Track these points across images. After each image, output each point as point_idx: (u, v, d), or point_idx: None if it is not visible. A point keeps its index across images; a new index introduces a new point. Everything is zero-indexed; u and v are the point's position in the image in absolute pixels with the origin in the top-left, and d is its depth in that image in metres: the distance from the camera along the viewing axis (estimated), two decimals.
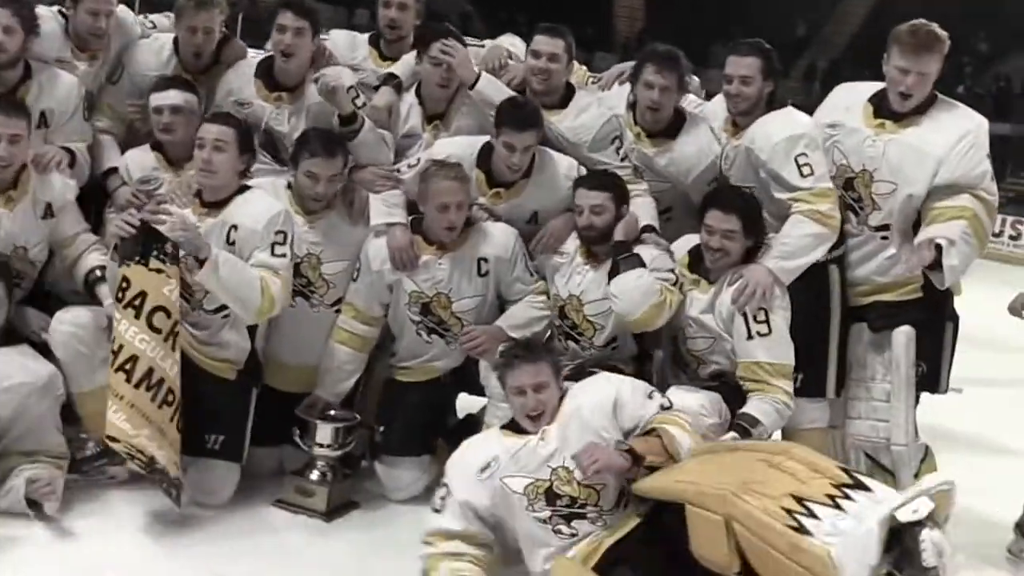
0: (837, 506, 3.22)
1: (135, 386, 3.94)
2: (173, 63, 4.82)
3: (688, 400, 4.03)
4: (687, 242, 4.48)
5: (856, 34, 35.19)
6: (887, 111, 4.35)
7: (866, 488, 3.33)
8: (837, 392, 4.53)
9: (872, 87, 4.47)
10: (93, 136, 4.71)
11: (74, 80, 4.61)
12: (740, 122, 4.55)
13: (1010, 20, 32.15)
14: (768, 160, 4.39)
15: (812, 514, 3.20)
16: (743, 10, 33.28)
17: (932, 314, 4.42)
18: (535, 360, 3.84)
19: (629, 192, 4.52)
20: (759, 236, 4.32)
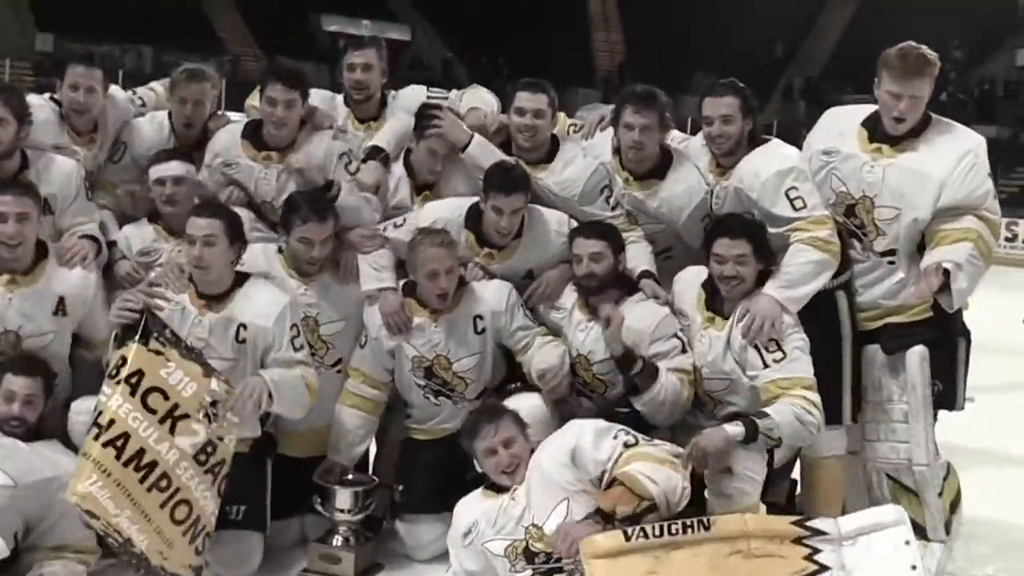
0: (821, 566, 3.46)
1: (124, 464, 3.88)
2: (172, 140, 4.85)
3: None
4: (695, 274, 4.46)
5: (834, 50, 35.46)
6: (882, 135, 4.35)
7: (818, 532, 3.52)
8: (854, 417, 4.52)
9: (863, 111, 4.46)
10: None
11: (73, 163, 4.60)
12: (724, 162, 4.55)
13: (982, 26, 32.45)
14: (759, 198, 4.40)
15: None
16: (722, 34, 33.53)
17: (944, 332, 4.41)
18: (496, 419, 3.98)
19: (624, 241, 4.52)
20: (769, 259, 4.32)
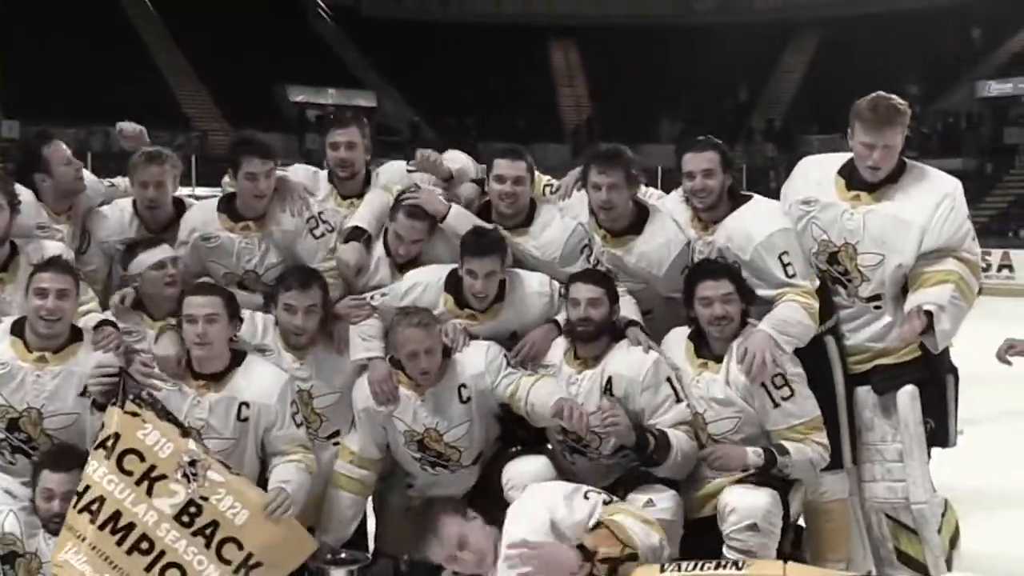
0: None
1: (99, 527, 3.91)
2: (135, 224, 4.88)
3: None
4: (679, 333, 4.52)
5: (797, 91, 35.90)
6: (859, 183, 4.42)
7: None
8: (853, 459, 4.56)
9: (839, 159, 4.55)
10: None
11: (60, 245, 4.66)
12: (705, 217, 4.61)
13: (941, 60, 32.96)
14: (751, 260, 4.46)
15: None
16: (685, 82, 33.93)
17: (932, 371, 4.47)
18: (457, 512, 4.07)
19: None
20: (750, 298, 4.39)
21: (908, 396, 4.42)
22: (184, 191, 5.30)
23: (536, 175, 5.00)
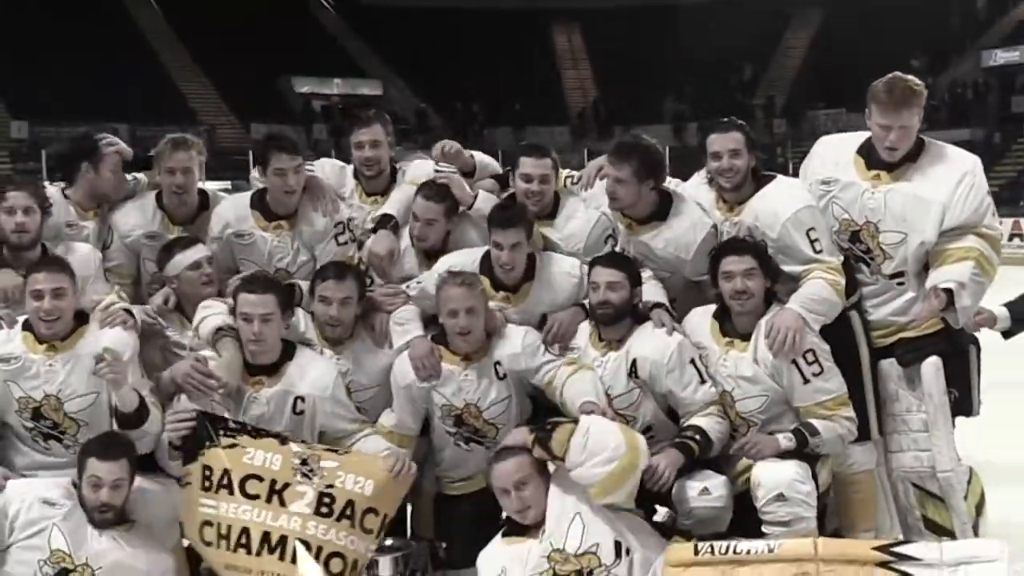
0: None
1: (256, 554, 4.11)
2: (159, 217, 4.95)
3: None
4: (702, 312, 4.58)
5: (801, 67, 35.82)
6: (878, 162, 4.49)
7: (909, 557, 3.63)
8: (879, 431, 4.65)
9: (857, 138, 4.62)
10: None
11: (88, 247, 4.79)
12: (730, 198, 4.68)
13: (946, 31, 32.84)
14: (779, 237, 4.52)
15: None
16: (689, 62, 33.87)
17: (955, 342, 4.55)
18: (512, 456, 4.09)
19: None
20: (774, 276, 4.46)
21: (932, 368, 4.50)
22: None
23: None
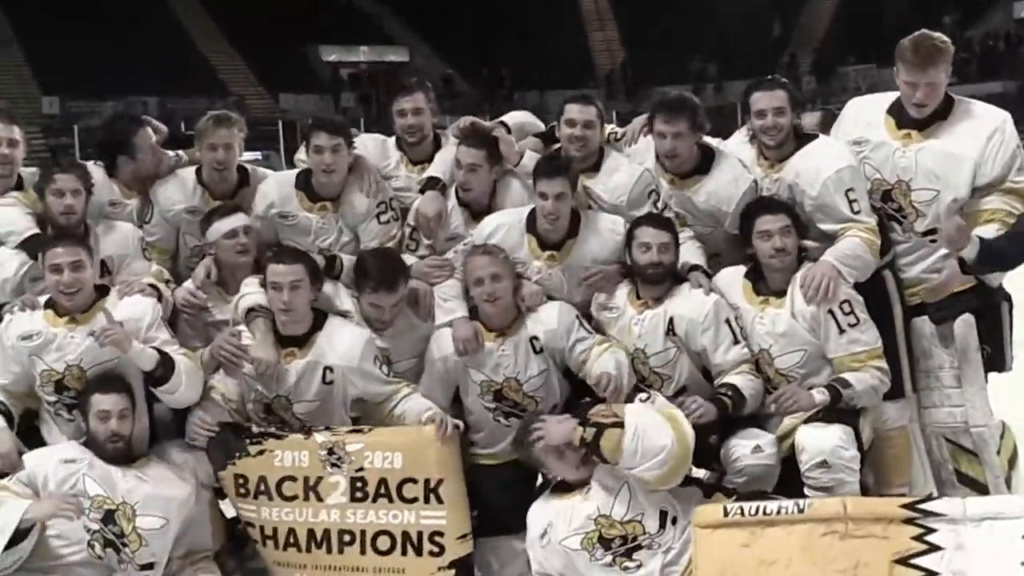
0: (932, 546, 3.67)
1: (307, 551, 4.29)
2: (199, 193, 4.99)
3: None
4: (733, 271, 4.64)
5: (832, 22, 35.48)
6: (909, 120, 4.54)
7: (935, 513, 3.73)
8: (913, 387, 4.70)
9: (887, 98, 4.66)
10: None
11: (129, 226, 4.88)
12: (771, 155, 4.71)
13: None
14: (818, 195, 4.56)
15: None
16: (717, 20, 33.63)
17: (987, 299, 4.60)
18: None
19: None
20: (804, 233, 4.54)
21: (964, 324, 4.56)
22: None
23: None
